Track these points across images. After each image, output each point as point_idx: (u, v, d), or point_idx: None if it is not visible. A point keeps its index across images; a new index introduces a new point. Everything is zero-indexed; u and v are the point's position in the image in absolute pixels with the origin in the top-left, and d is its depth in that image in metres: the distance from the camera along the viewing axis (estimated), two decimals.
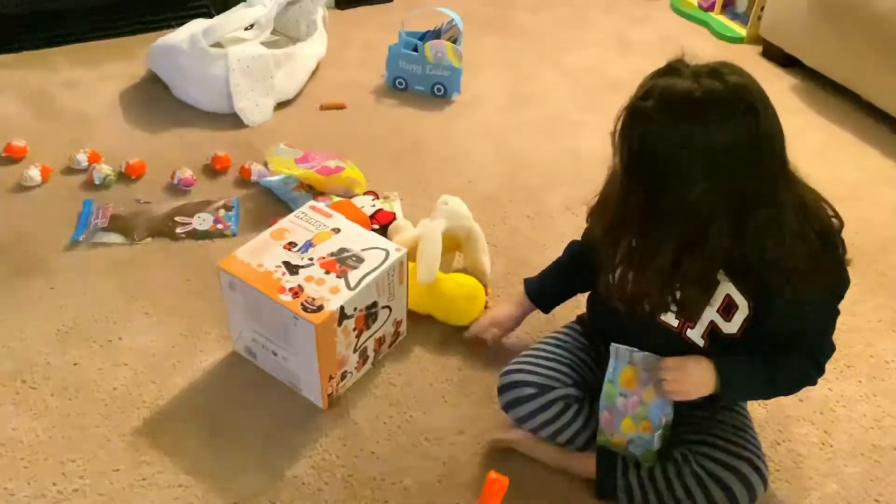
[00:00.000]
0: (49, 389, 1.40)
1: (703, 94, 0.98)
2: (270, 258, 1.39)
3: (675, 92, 1.00)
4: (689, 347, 1.17)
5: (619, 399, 1.18)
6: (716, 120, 0.98)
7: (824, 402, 1.48)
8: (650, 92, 1.02)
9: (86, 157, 1.92)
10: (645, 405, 1.18)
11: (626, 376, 1.14)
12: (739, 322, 1.13)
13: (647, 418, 1.19)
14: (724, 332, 1.14)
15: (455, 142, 2.13)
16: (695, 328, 1.16)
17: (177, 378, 1.44)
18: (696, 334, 1.16)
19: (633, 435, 1.21)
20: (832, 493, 1.33)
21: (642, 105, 1.02)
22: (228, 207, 1.83)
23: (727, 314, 1.13)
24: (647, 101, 1.02)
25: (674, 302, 1.11)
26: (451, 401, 1.44)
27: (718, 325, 1.14)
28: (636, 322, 1.19)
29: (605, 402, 1.21)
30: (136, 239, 1.73)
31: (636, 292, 1.13)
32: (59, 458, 1.29)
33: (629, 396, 1.17)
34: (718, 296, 1.12)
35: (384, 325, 1.46)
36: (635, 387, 1.16)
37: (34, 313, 1.54)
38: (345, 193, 1.85)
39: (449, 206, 1.63)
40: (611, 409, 1.21)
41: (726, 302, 1.12)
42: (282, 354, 1.39)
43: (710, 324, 1.15)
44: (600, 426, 1.24)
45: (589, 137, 2.17)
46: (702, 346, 1.16)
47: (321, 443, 1.35)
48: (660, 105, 1.00)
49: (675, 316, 1.16)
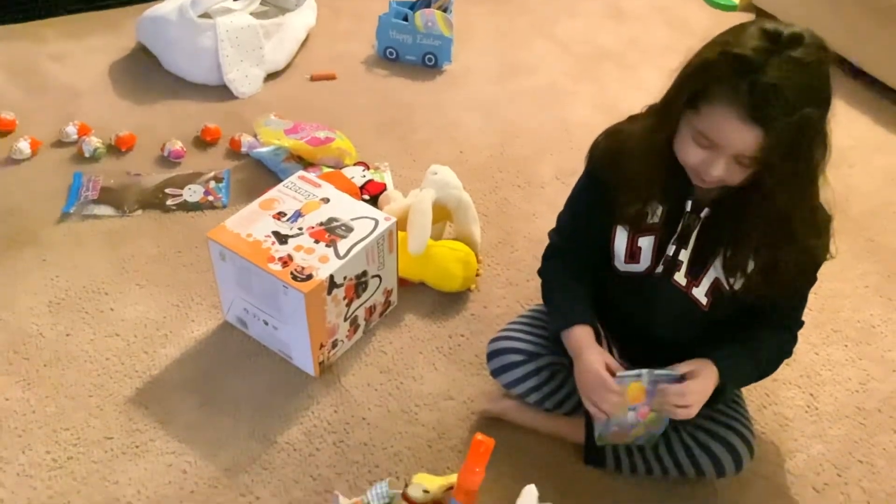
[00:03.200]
0: (42, 360, 1.41)
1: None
2: (260, 228, 1.39)
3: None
4: (693, 305, 1.17)
5: (629, 414, 1.15)
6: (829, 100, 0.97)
7: (810, 366, 1.50)
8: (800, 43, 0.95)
9: (75, 129, 1.91)
10: (657, 413, 1.16)
11: (633, 392, 1.13)
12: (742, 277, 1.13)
13: (660, 421, 1.18)
14: (728, 289, 1.15)
15: (446, 112, 2.12)
16: (699, 287, 1.16)
17: (169, 348, 1.45)
18: (701, 292, 1.17)
19: (642, 434, 1.21)
20: (817, 454, 1.35)
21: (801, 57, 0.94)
22: (219, 179, 1.82)
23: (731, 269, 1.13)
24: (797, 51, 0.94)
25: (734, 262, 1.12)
26: (441, 368, 1.45)
27: (722, 283, 1.14)
28: (647, 284, 1.18)
29: (617, 421, 1.16)
30: (127, 211, 1.73)
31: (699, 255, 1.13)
32: (52, 426, 1.31)
33: (638, 409, 1.15)
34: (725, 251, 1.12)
35: (374, 294, 1.47)
36: (643, 399, 1.14)
37: (26, 285, 1.55)
38: (335, 164, 1.85)
39: (438, 176, 1.63)
40: (621, 425, 1.17)
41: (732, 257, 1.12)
42: (272, 323, 1.40)
43: (714, 281, 1.15)
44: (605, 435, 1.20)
45: (580, 107, 2.16)
46: (704, 303, 1.17)
47: (313, 410, 1.36)
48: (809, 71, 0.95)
49: (684, 276, 1.16)
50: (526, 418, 1.33)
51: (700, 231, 1.13)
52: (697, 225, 1.13)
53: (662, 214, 1.14)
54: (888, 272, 1.71)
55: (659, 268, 1.17)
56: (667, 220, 1.14)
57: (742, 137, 0.95)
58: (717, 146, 0.98)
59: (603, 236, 1.20)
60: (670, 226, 1.14)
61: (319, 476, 1.26)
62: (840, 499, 1.29)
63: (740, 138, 0.95)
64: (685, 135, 1.02)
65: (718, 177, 1.01)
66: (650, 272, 1.18)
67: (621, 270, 1.20)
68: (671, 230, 1.14)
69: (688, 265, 1.15)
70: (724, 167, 1.00)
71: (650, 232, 1.15)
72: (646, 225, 1.15)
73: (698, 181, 1.06)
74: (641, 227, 1.15)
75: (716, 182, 1.03)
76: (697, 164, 1.02)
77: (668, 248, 1.15)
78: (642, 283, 1.19)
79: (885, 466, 1.34)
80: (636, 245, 1.17)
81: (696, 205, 1.12)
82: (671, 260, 1.16)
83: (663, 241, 1.15)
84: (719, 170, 1.00)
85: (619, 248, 1.18)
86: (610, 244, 1.19)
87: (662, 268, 1.16)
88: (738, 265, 1.12)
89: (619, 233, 1.18)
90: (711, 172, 1.01)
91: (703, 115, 0.98)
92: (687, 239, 1.14)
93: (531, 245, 1.70)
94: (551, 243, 1.30)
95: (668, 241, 1.15)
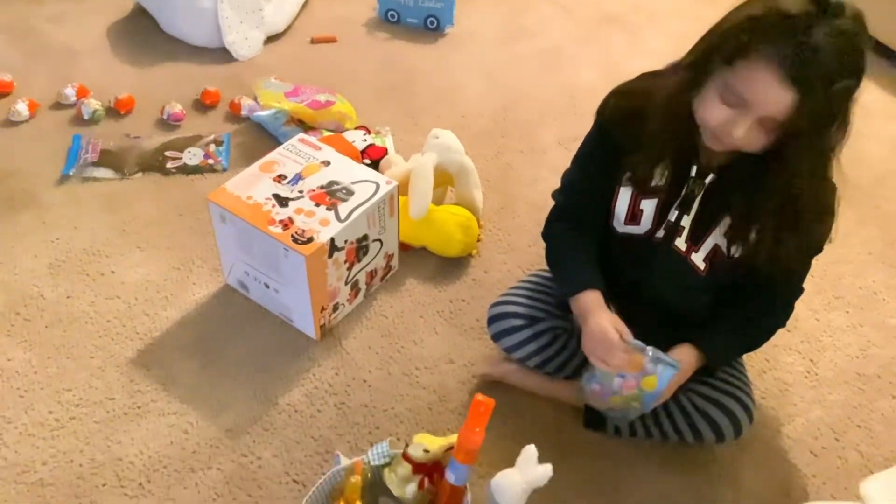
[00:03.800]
0: (43, 321, 1.41)
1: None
2: (260, 190, 1.38)
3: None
4: (691, 269, 1.16)
5: (616, 380, 1.14)
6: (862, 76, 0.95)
7: (811, 331, 1.50)
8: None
9: (74, 91, 1.89)
10: (640, 391, 1.14)
11: (633, 361, 1.11)
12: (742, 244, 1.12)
13: (639, 400, 1.15)
14: (726, 255, 1.14)
15: (448, 76, 2.10)
16: (699, 252, 1.16)
17: (170, 310, 1.45)
18: (699, 258, 1.16)
19: (620, 407, 1.18)
20: (815, 419, 1.36)
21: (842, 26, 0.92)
22: (219, 142, 1.81)
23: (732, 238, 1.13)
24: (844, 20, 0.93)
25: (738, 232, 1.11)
26: (442, 332, 1.45)
27: (721, 249, 1.14)
28: (646, 248, 1.18)
29: (602, 379, 1.15)
30: (127, 174, 1.72)
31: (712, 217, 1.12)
32: (54, 387, 1.31)
33: (627, 378, 1.13)
34: (728, 218, 1.12)
35: (375, 259, 1.47)
36: (637, 372, 1.12)
37: (26, 247, 1.55)
38: (335, 128, 1.83)
39: (440, 140, 1.62)
40: (603, 385, 1.16)
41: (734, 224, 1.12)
42: (273, 286, 1.40)
43: (713, 247, 1.15)
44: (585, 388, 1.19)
45: (584, 72, 2.14)
46: (702, 269, 1.16)
47: (314, 372, 1.37)
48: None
49: (685, 241, 1.16)
50: (526, 382, 1.33)
51: (703, 197, 1.12)
52: (701, 191, 1.12)
53: (668, 178, 1.13)
54: (892, 239, 1.70)
55: (660, 232, 1.16)
56: (671, 184, 1.13)
57: (776, 98, 0.93)
58: (747, 105, 0.96)
59: (607, 196, 1.18)
60: (674, 190, 1.13)
61: (321, 437, 1.27)
62: (837, 463, 1.30)
63: (774, 99, 0.93)
64: (712, 92, 1.00)
65: (739, 139, 0.99)
66: (650, 235, 1.17)
67: (619, 231, 1.19)
68: (674, 194, 1.13)
69: (689, 231, 1.15)
70: (748, 129, 0.98)
71: (654, 194, 1.14)
72: (650, 187, 1.14)
73: (714, 143, 1.03)
74: (646, 188, 1.14)
75: (733, 146, 1.01)
76: (720, 123, 1.00)
77: (671, 214, 1.14)
78: (641, 247, 1.18)
79: (882, 431, 1.35)
80: (638, 207, 1.16)
81: (701, 170, 1.11)
82: (673, 225, 1.15)
83: (666, 204, 1.14)
84: (741, 131, 0.98)
85: (621, 209, 1.18)
86: (612, 204, 1.18)
87: (664, 233, 1.16)
88: (739, 235, 1.11)
89: (622, 193, 1.17)
90: (733, 133, 0.98)
91: (738, 71, 0.95)
92: (690, 205, 1.13)
93: (533, 211, 1.69)
94: (556, 205, 1.28)
95: (672, 206, 1.14)
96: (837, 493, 1.25)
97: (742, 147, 1.01)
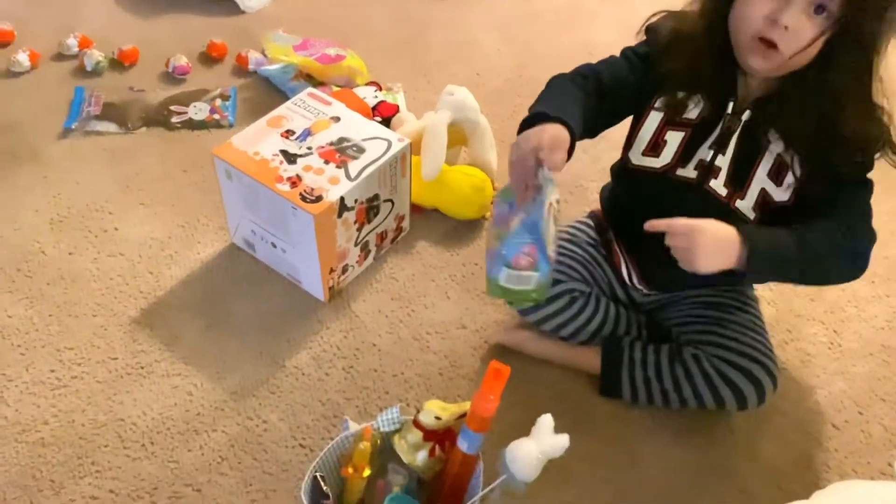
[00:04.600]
0: (45, 278, 1.38)
1: None
2: (267, 146, 1.33)
3: None
4: (736, 219, 1.07)
5: (505, 207, 1.00)
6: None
7: (836, 301, 1.45)
8: None
9: (76, 42, 1.83)
10: (523, 225, 0.96)
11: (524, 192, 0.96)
12: (791, 184, 1.08)
13: (501, 240, 0.98)
14: (776, 200, 1.09)
15: (462, 31, 2.02)
16: (745, 199, 1.10)
17: (174, 269, 1.41)
18: (747, 205, 1.10)
19: (496, 249, 0.99)
20: (838, 391, 1.32)
21: None
22: (225, 97, 1.75)
23: (778, 178, 1.08)
24: None
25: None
26: (454, 296, 1.41)
27: (770, 193, 1.08)
28: (675, 190, 1.11)
29: (503, 196, 1.01)
30: (131, 128, 1.67)
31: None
32: (55, 345, 1.28)
33: (514, 211, 0.98)
34: (770, 157, 1.07)
35: (386, 220, 1.42)
36: (522, 206, 0.96)
37: (27, 202, 1.50)
38: (345, 83, 1.77)
39: (455, 97, 1.56)
40: (499, 208, 1.02)
41: (778, 163, 1.08)
42: (281, 246, 1.36)
43: (760, 192, 1.09)
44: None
45: (602, 29, 2.06)
46: (752, 218, 1.10)
47: (322, 335, 1.33)
48: None
49: (723, 184, 1.10)
50: (541, 348, 1.29)
51: (741, 135, 1.07)
52: (738, 128, 1.07)
53: (703, 110, 1.08)
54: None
55: (690, 171, 1.11)
56: (703, 120, 1.08)
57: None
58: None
59: (628, 111, 1.14)
60: (705, 126, 1.08)
61: (328, 401, 1.24)
62: (860, 437, 1.26)
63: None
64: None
65: (789, 30, 0.95)
66: (667, 170, 1.12)
67: (634, 163, 1.14)
68: (705, 131, 1.09)
69: (728, 173, 1.09)
70: (798, 14, 0.94)
71: (683, 127, 1.09)
72: (682, 118, 1.09)
73: (756, 56, 1.00)
74: (678, 118, 1.09)
75: (777, 53, 0.97)
76: (766, 14, 0.96)
77: (704, 152, 1.09)
78: (667, 190, 1.12)
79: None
80: (662, 137, 1.11)
81: (737, 106, 1.06)
82: (707, 165, 1.10)
83: (693, 139, 1.09)
84: (792, 17, 0.94)
85: (645, 135, 1.13)
86: (635, 128, 1.13)
87: (696, 173, 1.10)
88: (784, 169, 1.06)
89: (651, 116, 1.12)
90: (782, 20, 0.94)
91: None
92: (725, 143, 1.08)
93: None
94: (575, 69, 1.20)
95: (701, 143, 1.09)
96: (860, 467, 1.21)
97: (789, 46, 0.97)
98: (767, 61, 1.00)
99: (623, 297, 1.31)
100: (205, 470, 1.15)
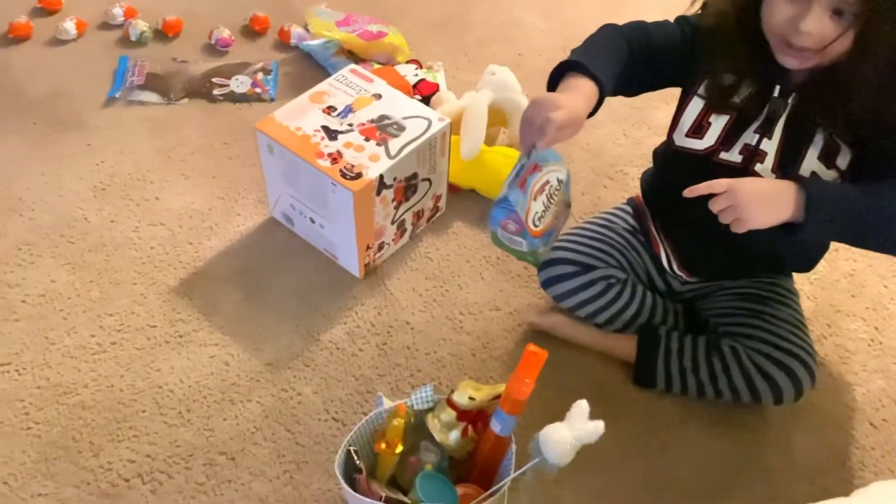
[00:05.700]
0: (87, 245, 1.40)
1: None
2: (309, 122, 1.33)
3: None
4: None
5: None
6: None
7: (878, 298, 1.42)
8: None
9: (122, 11, 1.85)
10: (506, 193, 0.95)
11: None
12: (843, 166, 1.05)
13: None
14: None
15: (505, 10, 2.00)
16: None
17: (214, 240, 1.43)
18: None
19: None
20: (877, 389, 1.29)
21: None
22: (267, 71, 1.76)
23: (828, 159, 1.05)
24: None
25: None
26: (489, 277, 1.41)
27: (820, 176, 1.06)
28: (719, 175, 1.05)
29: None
30: (173, 99, 1.68)
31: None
32: (96, 311, 1.31)
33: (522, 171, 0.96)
34: (819, 140, 1.05)
35: (423, 199, 1.42)
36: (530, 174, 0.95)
37: (71, 169, 1.53)
38: (387, 61, 1.76)
39: (497, 77, 1.54)
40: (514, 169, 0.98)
41: (828, 146, 1.05)
42: (319, 221, 1.36)
43: (811, 175, 1.06)
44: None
45: (647, 8, 2.01)
46: None
47: (356, 311, 1.34)
48: None
49: (770, 170, 1.07)
50: (575, 333, 1.28)
51: (788, 118, 1.05)
52: (784, 111, 1.05)
53: (747, 96, 1.06)
54: None
55: (735, 156, 1.09)
56: (748, 103, 1.06)
57: None
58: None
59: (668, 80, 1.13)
60: (751, 110, 1.07)
61: (362, 376, 1.25)
62: None
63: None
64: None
65: (810, 35, 0.93)
66: (710, 152, 1.10)
67: (677, 145, 1.13)
68: (751, 115, 1.07)
69: (776, 158, 1.07)
70: (817, 20, 0.92)
71: (727, 110, 1.08)
72: (727, 102, 1.08)
73: (785, 54, 0.98)
74: (723, 102, 1.08)
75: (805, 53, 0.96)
76: (787, 19, 0.95)
77: (749, 136, 1.07)
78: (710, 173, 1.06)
79: None
80: (706, 119, 1.09)
81: (783, 90, 1.04)
82: (753, 149, 1.08)
83: (738, 123, 1.08)
84: (811, 23, 0.92)
85: (688, 118, 1.11)
86: (680, 109, 1.12)
87: (741, 157, 1.09)
88: (835, 150, 1.04)
89: (694, 101, 1.11)
90: (802, 27, 0.93)
91: None
92: (771, 127, 1.06)
93: (589, 157, 1.62)
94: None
95: (745, 127, 1.07)
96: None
97: (815, 46, 0.95)
98: (798, 60, 0.98)
99: (661, 286, 1.29)
100: (239, 439, 1.17)
